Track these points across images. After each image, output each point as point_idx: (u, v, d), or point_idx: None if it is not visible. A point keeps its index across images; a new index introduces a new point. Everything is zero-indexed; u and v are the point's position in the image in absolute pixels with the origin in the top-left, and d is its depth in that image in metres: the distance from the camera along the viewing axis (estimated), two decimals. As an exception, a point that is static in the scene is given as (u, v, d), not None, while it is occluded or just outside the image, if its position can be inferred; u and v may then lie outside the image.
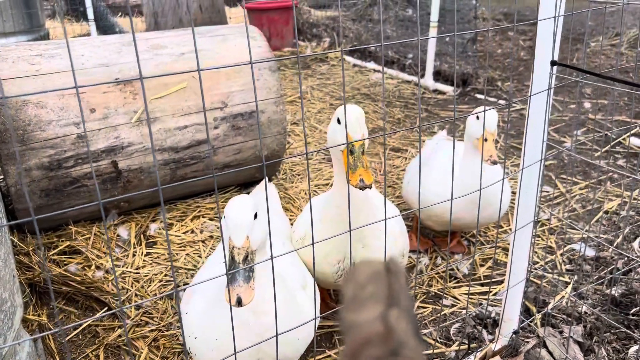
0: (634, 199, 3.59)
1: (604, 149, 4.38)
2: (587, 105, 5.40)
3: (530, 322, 2.40)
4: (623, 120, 4.94)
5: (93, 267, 2.90)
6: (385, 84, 6.23)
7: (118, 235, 3.18)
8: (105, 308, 2.65)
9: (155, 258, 3.04)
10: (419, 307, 2.63)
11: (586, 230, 3.24)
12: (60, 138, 2.93)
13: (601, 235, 3.16)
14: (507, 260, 2.16)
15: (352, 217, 1.64)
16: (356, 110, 1.89)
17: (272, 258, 1.42)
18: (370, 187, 1.78)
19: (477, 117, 2.51)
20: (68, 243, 3.04)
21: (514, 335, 2.22)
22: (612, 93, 5.46)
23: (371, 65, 6.95)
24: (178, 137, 3.24)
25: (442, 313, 2.58)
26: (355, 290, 0.56)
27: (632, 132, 4.62)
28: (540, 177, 1.97)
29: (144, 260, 3.00)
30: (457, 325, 2.50)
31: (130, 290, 2.76)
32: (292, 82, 6.38)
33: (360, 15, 9.69)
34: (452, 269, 2.91)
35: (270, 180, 3.89)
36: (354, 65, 7.07)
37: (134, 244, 3.13)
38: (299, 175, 3.98)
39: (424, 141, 4.52)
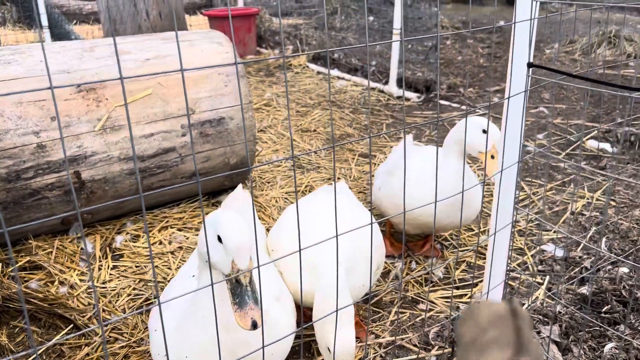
0: (597, 199, 3.69)
1: (565, 152, 4.49)
2: (545, 110, 5.54)
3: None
4: (581, 124, 5.08)
5: (56, 282, 2.76)
6: (350, 91, 6.24)
7: (82, 249, 3.05)
8: (71, 325, 2.52)
9: (123, 271, 2.92)
10: (396, 312, 2.61)
11: (554, 231, 3.30)
12: (19, 148, 2.79)
13: (569, 236, 3.22)
14: (485, 263, 2.16)
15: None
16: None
17: (258, 267, 1.37)
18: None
19: (484, 131, 2.50)
20: (28, 258, 2.89)
21: (493, 338, 2.22)
22: (578, 96, 5.62)
23: (335, 72, 6.96)
24: (144, 146, 3.13)
25: (421, 318, 2.56)
26: (476, 333, 0.51)
27: (590, 135, 4.76)
28: (517, 179, 1.98)
29: (110, 274, 2.88)
30: (435, 329, 2.49)
31: (98, 306, 2.63)
32: (256, 90, 6.31)
33: (322, 23, 9.73)
34: (427, 273, 2.90)
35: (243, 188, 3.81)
36: (318, 73, 7.07)
37: (100, 257, 3.00)
38: (268, 182, 3.92)
39: (391, 147, 4.53)
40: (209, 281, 1.64)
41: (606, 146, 4.55)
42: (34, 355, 2.34)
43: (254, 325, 1.41)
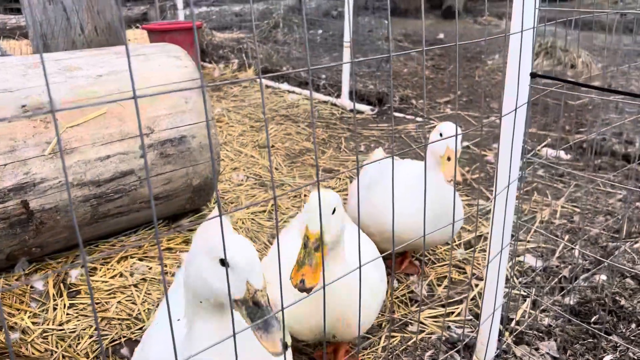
0: (562, 206, 3.73)
1: (524, 160, 4.55)
2: (497, 120, 5.64)
3: (504, 342, 2.34)
4: (533, 133, 5.19)
5: (5, 328, 2.43)
6: (302, 105, 6.12)
7: (32, 287, 2.73)
8: (27, 377, 2.22)
9: (81, 310, 2.63)
10: (387, 337, 2.48)
11: (528, 241, 3.29)
12: (-44, 177, 2.46)
13: (545, 245, 3.22)
14: (484, 288, 2.08)
15: (328, 292, 1.44)
16: (325, 198, 1.70)
17: (282, 309, 1.19)
18: (309, 291, 1.59)
19: (441, 134, 2.44)
20: (-30, 302, 2.55)
21: (495, 359, 2.13)
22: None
23: (285, 86, 6.82)
24: (100, 169, 2.86)
25: (413, 341, 2.44)
26: None
27: (544, 143, 4.87)
28: (520, 196, 1.91)
29: (67, 314, 2.58)
30: (429, 352, 2.38)
31: (56, 351, 2.34)
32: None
33: (265, 37, 9.59)
34: (412, 292, 2.80)
35: (200, 211, 3.59)
36: (267, 87, 6.91)
37: (54, 295, 2.69)
38: (232, 203, 3.71)
39: (353, 161, 4.43)
40: (204, 328, 1.44)
41: (561, 153, 4.65)
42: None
43: (285, 347, 1.26)
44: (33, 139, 2.67)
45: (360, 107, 6.02)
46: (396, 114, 5.87)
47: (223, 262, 1.33)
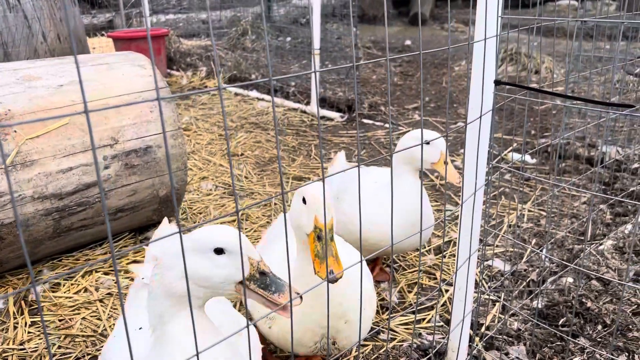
0: (529, 210, 3.79)
1: (490, 165, 4.62)
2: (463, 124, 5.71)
3: (475, 347, 2.35)
4: (499, 137, 5.28)
5: (-38, 349, 2.34)
6: (271, 112, 6.09)
7: (-9, 305, 2.63)
8: (-15, 400, 2.13)
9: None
10: (357, 346, 2.46)
11: (496, 245, 3.32)
12: None
13: (512, 249, 3.26)
14: (453, 296, 2.08)
15: (331, 292, 1.50)
16: (321, 190, 1.67)
17: (248, 326, 1.17)
18: (337, 280, 1.58)
19: (428, 143, 2.44)
20: None
21: (466, 365, 2.14)
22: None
23: (254, 93, 6.79)
24: (62, 182, 2.78)
25: (384, 350, 2.43)
26: None
27: (510, 148, 4.95)
28: (487, 204, 1.92)
29: (29, 332, 2.49)
30: (401, 360, 2.37)
31: (17, 373, 2.25)
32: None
33: (234, 44, 9.53)
34: (383, 299, 2.79)
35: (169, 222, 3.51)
36: (236, 94, 6.86)
37: (14, 313, 2.60)
38: (200, 213, 3.65)
39: (326, 168, 4.43)
40: (181, 325, 1.42)
41: (527, 158, 4.73)
42: None
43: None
44: (-10, 151, 2.58)
45: (330, 114, 6.03)
46: (365, 121, 5.89)
47: (218, 251, 1.36)
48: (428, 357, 2.33)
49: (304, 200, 1.71)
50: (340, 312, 1.83)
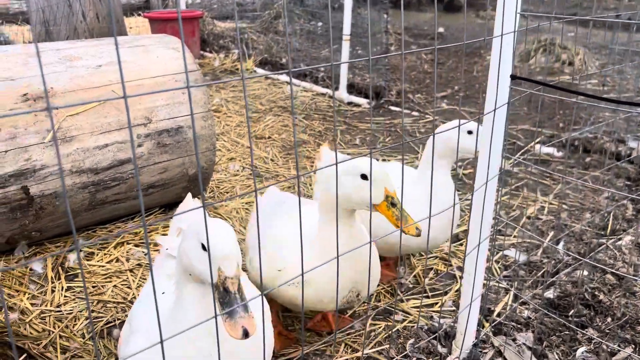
0: (550, 203, 3.82)
1: (515, 157, 4.64)
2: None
3: (484, 333, 2.43)
4: (527, 129, 5.27)
5: (4, 308, 2.53)
6: (300, 97, 6.19)
7: (31, 270, 2.82)
8: (25, 355, 2.31)
9: (78, 292, 2.72)
10: (371, 324, 2.58)
11: (514, 236, 3.38)
12: (-41, 162, 2.55)
13: (530, 241, 3.31)
14: (464, 278, 2.16)
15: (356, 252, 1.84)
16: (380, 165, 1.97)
17: (262, 292, 1.29)
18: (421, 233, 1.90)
19: (470, 132, 2.48)
20: (-29, 283, 2.65)
21: (473, 348, 2.22)
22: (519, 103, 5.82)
23: (284, 77, 6.89)
24: (98, 157, 2.94)
25: (395, 329, 2.54)
26: None
27: (537, 140, 4.95)
28: (500, 193, 1.99)
29: (65, 296, 2.68)
30: (412, 340, 2.47)
31: (53, 332, 2.44)
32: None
33: (266, 27, 9.63)
34: (399, 282, 2.89)
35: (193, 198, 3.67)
36: (267, 78, 6.97)
37: (52, 278, 2.79)
38: (227, 193, 3.79)
39: (351, 154, 4.50)
40: (191, 295, 1.56)
41: (553, 151, 4.73)
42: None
43: (246, 334, 1.35)
44: (34, 126, 2.75)
45: (358, 100, 6.09)
46: (392, 108, 5.94)
47: (204, 247, 1.45)
48: (436, 337, 2.43)
49: (363, 177, 1.92)
50: (364, 268, 2.04)
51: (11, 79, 2.77)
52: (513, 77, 1.80)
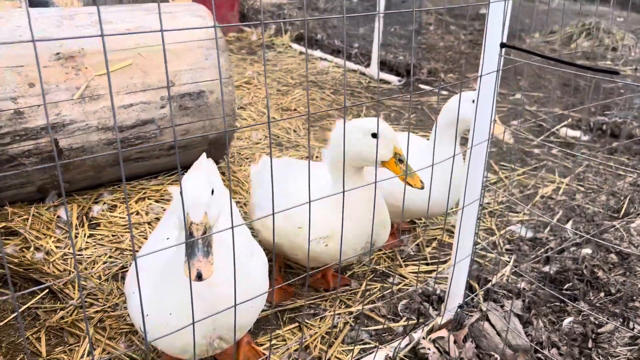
0: (566, 184, 3.80)
1: (539, 139, 4.60)
2: (520, 96, 5.65)
3: (474, 297, 2.51)
4: (554, 112, 5.20)
5: (32, 248, 2.77)
6: (332, 72, 6.27)
7: (58, 217, 3.06)
8: (47, 290, 2.54)
9: (99, 240, 2.94)
10: (368, 284, 2.69)
11: (524, 213, 3.40)
12: (-4, 113, 2.78)
13: (538, 218, 3.33)
14: (454, 238, 2.24)
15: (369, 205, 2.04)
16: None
17: (232, 227, 1.42)
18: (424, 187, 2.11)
19: (473, 101, 2.52)
20: (4, 224, 2.89)
21: (459, 310, 2.31)
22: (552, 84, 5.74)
23: (317, 53, 6.97)
24: (123, 116, 3.14)
25: (390, 290, 2.64)
26: None
27: (564, 123, 4.88)
28: (487, 156, 2.05)
29: (86, 242, 2.90)
30: (404, 301, 2.57)
31: (73, 272, 2.66)
32: (237, 67, 6.30)
33: (306, 3, 9.69)
34: (401, 249, 2.98)
35: (217, 163, 3.84)
36: (301, 53, 7.07)
37: (76, 225, 3.02)
38: (247, 159, 3.95)
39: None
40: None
41: (579, 134, 4.67)
42: (14, 315, 2.37)
43: (199, 277, 1.46)
44: (64, 84, 2.96)
45: (388, 77, 6.12)
46: (422, 86, 5.95)
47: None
48: (427, 298, 2.52)
49: (373, 136, 2.10)
50: (381, 220, 2.28)
51: (45, 39, 2.97)
52: (502, 46, 1.85)
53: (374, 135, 2.11)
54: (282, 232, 2.29)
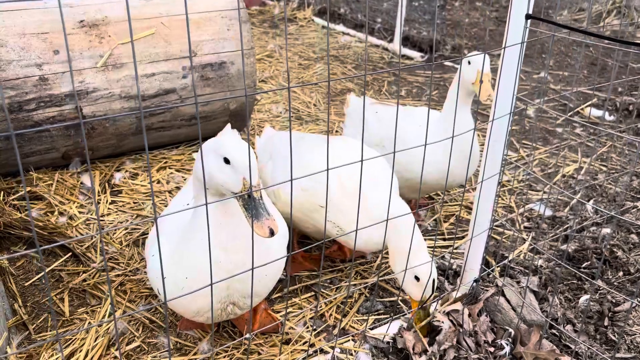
0: (590, 164, 3.75)
1: (562, 118, 4.53)
2: (546, 76, 5.54)
3: (490, 272, 2.51)
4: (583, 92, 5.09)
5: (56, 213, 2.84)
6: (354, 47, 6.21)
7: (82, 183, 3.12)
8: (70, 253, 2.61)
9: (121, 206, 2.99)
10: (383, 257, 2.70)
11: (544, 192, 3.37)
12: (21, 79, 2.82)
13: (558, 197, 3.29)
14: (472, 213, 2.23)
15: None
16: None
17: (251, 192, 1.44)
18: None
19: (469, 62, 2.48)
20: (29, 189, 2.96)
21: (474, 284, 2.31)
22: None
23: (340, 27, 6.89)
24: (145, 85, 3.16)
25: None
26: None
27: (590, 102, 4.78)
28: (508, 130, 2.03)
29: (108, 209, 2.96)
30: (420, 275, 2.58)
31: (96, 237, 2.72)
32: (260, 40, 6.28)
33: (330, -23, 9.56)
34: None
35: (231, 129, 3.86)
36: (323, 27, 7.00)
37: (99, 192, 3.08)
38: (266, 131, 3.96)
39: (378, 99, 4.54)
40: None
41: (604, 114, 4.57)
42: (40, 275, 2.44)
43: (272, 233, 1.54)
44: (88, 51, 2.98)
45: (411, 53, 6.04)
46: (446, 63, 5.86)
47: (226, 161, 1.60)
48: (443, 272, 2.53)
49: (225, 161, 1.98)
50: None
51: (70, 5, 3.00)
52: (528, 17, 1.81)
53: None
54: (305, 207, 2.31)
